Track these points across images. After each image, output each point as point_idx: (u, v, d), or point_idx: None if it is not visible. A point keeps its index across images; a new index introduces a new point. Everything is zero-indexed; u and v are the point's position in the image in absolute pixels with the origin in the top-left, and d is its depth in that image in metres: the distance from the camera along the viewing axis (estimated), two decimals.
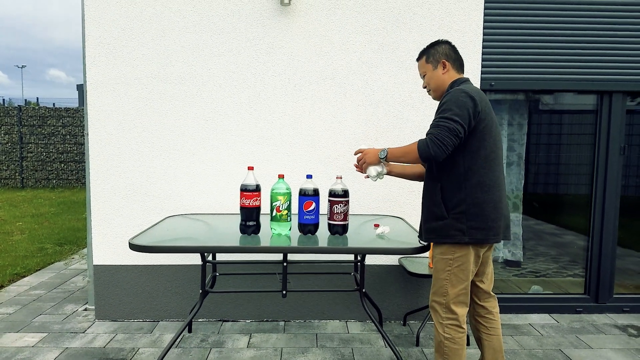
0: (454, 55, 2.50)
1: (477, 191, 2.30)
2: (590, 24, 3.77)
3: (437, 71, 2.49)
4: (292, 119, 3.64)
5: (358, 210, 3.69)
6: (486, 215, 2.30)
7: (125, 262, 3.69)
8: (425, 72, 2.55)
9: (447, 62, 2.47)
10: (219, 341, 3.38)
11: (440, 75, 2.49)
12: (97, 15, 3.53)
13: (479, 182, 2.30)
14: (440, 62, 2.48)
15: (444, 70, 2.48)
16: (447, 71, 2.48)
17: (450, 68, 2.48)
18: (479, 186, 2.30)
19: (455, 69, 2.49)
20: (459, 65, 2.51)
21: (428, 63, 2.52)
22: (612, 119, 3.88)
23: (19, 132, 12.55)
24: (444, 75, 2.48)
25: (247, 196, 2.73)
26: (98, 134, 3.61)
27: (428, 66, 2.52)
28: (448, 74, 2.48)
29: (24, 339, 3.37)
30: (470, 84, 2.41)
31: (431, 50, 2.52)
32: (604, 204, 3.95)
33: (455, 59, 2.50)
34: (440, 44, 2.51)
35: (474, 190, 2.30)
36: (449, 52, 2.49)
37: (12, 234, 7.04)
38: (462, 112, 2.23)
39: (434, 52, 2.50)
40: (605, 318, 3.91)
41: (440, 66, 2.48)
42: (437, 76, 2.50)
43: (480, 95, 2.33)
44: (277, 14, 3.56)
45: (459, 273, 2.38)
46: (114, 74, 3.57)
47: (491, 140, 2.32)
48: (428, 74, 2.53)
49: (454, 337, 2.40)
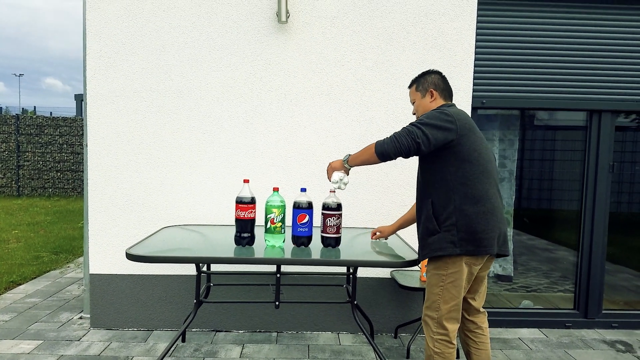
0: (443, 85, 2.62)
1: (464, 203, 2.36)
2: (580, 44, 3.87)
3: (425, 99, 2.62)
4: (288, 133, 3.72)
5: (351, 223, 3.76)
6: (475, 226, 2.36)
7: (121, 271, 3.73)
8: (415, 100, 2.68)
9: (435, 91, 2.60)
10: (212, 351, 3.42)
11: (428, 103, 2.61)
12: (98, 29, 3.61)
13: (466, 194, 2.36)
14: (429, 91, 2.60)
15: (432, 99, 2.60)
16: (435, 100, 2.60)
17: (437, 97, 2.60)
18: (467, 198, 2.36)
19: (442, 97, 2.61)
20: (447, 94, 2.63)
21: (417, 91, 2.65)
22: (601, 138, 3.97)
23: (16, 141, 12.58)
24: (431, 103, 2.60)
25: (242, 208, 2.80)
26: (97, 145, 3.68)
27: (417, 94, 2.66)
28: (435, 102, 2.60)
29: (20, 346, 3.40)
30: (454, 108, 2.50)
31: (421, 80, 2.65)
32: (593, 221, 4.02)
33: (444, 88, 2.62)
34: (430, 74, 2.64)
35: (461, 202, 2.36)
36: (438, 82, 2.61)
37: (8, 242, 7.06)
38: (431, 121, 2.35)
39: (424, 81, 2.63)
40: (594, 333, 3.97)
41: (428, 95, 2.61)
42: (424, 104, 2.62)
43: (460, 114, 2.43)
44: (274, 31, 3.65)
45: (451, 289, 2.43)
46: (113, 87, 3.64)
47: (476, 155, 2.39)
48: (417, 102, 2.67)
49: (444, 352, 2.45)
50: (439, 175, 2.42)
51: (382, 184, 3.76)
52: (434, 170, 2.43)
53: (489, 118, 4.13)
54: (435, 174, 2.42)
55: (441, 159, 2.40)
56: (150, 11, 3.61)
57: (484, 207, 2.38)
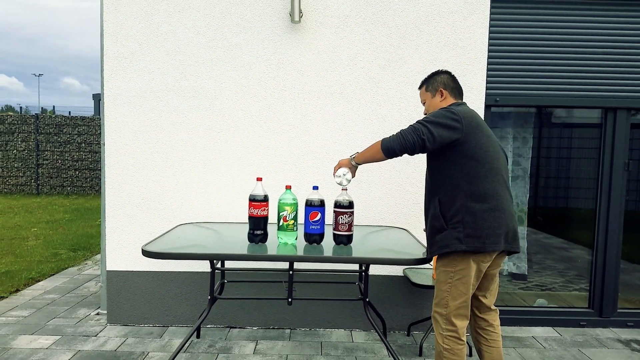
0: (452, 84, 2.64)
1: (470, 200, 2.38)
2: (593, 41, 3.84)
3: (435, 99, 2.66)
4: (301, 131, 3.75)
5: (363, 221, 3.78)
6: (481, 223, 2.37)
7: (137, 268, 3.80)
8: (425, 100, 2.72)
9: (445, 90, 2.63)
10: (226, 347, 3.47)
11: (438, 103, 2.64)
12: (115, 30, 3.67)
13: (472, 192, 2.38)
14: (438, 91, 2.63)
15: (442, 98, 2.63)
16: (445, 99, 2.63)
17: (447, 96, 2.63)
18: (473, 196, 2.38)
19: (452, 96, 2.63)
20: (457, 93, 2.65)
21: (427, 91, 2.69)
22: (616, 135, 3.93)
23: (35, 140, 12.80)
24: (441, 103, 2.63)
25: (256, 206, 2.83)
26: (114, 144, 3.74)
27: (427, 94, 2.70)
28: (445, 101, 2.62)
29: (38, 341, 3.49)
30: (463, 107, 2.52)
31: (431, 80, 2.69)
32: (608, 219, 3.98)
33: (454, 87, 2.64)
34: (440, 74, 2.67)
35: (467, 200, 2.38)
36: (447, 81, 2.64)
37: (27, 239, 7.21)
38: (437, 119, 2.39)
39: (433, 82, 2.67)
40: (609, 332, 3.94)
41: (438, 94, 2.64)
42: (434, 103, 2.66)
43: (467, 112, 2.45)
44: (287, 31, 3.68)
45: (459, 285, 2.44)
46: (130, 87, 3.71)
47: (482, 153, 2.40)
48: (427, 102, 2.70)
49: (453, 348, 2.46)
50: (445, 173, 2.44)
51: (394, 182, 3.78)
52: (440, 169, 2.46)
53: (503, 116, 4.11)
54: (442, 173, 2.45)
55: (447, 158, 2.42)
56: (166, 12, 3.66)
57: (491, 204, 2.39)
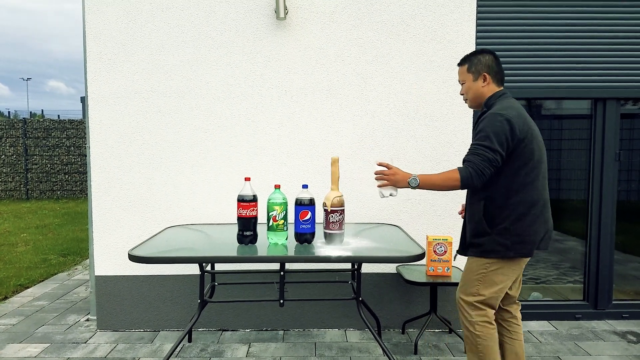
0: (496, 67, 2.49)
1: (519, 208, 2.34)
2: (582, 32, 3.81)
3: (477, 83, 2.50)
4: (289, 129, 3.70)
5: (354, 219, 3.73)
6: (529, 230, 2.35)
7: (126, 272, 3.74)
8: (465, 81, 2.55)
9: (489, 75, 2.48)
10: (219, 350, 3.42)
11: (480, 88, 2.50)
12: (97, 31, 3.60)
13: (521, 200, 2.34)
14: (482, 75, 2.48)
15: (484, 84, 2.49)
16: (487, 84, 2.49)
17: (490, 81, 2.49)
18: (522, 204, 2.34)
19: (495, 82, 2.50)
20: (500, 78, 2.51)
21: (469, 72, 2.52)
22: (606, 126, 3.91)
23: (23, 144, 12.67)
24: (483, 89, 2.49)
25: (244, 206, 2.78)
26: (99, 146, 3.68)
27: (469, 76, 2.52)
28: (488, 87, 2.49)
29: (27, 350, 3.42)
30: (509, 100, 2.43)
31: (474, 60, 2.51)
32: (601, 210, 3.97)
33: (497, 71, 2.50)
34: (485, 54, 2.50)
35: (516, 208, 2.34)
36: (492, 64, 2.48)
37: (16, 245, 7.12)
38: (500, 139, 2.28)
39: (477, 62, 2.50)
40: (605, 324, 3.92)
41: (480, 78, 2.49)
42: (476, 88, 2.51)
43: (519, 113, 2.36)
44: (273, 28, 3.62)
45: (493, 276, 2.42)
46: (114, 88, 3.64)
47: (532, 156, 2.35)
48: (467, 84, 2.53)
49: (485, 333, 2.43)
50: (494, 178, 2.37)
51: None
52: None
53: None
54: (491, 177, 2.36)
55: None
56: (149, 12, 3.60)
57: (537, 209, 2.37)
